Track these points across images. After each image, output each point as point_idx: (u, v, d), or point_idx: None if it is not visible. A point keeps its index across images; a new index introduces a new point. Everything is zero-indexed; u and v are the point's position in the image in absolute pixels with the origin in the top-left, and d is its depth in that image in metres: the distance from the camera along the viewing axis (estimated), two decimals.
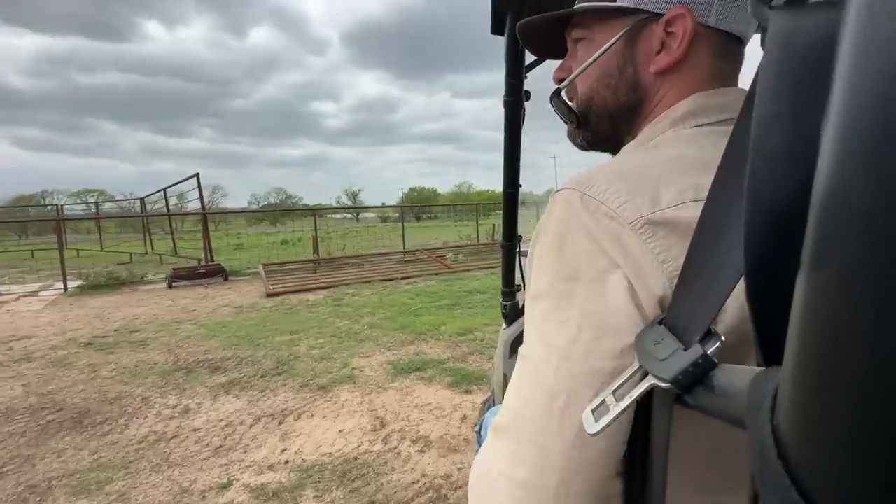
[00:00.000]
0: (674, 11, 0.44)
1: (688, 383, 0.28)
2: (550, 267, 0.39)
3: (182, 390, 3.31)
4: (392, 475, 2.22)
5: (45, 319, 5.75)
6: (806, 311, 0.14)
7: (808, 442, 0.14)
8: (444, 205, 46.14)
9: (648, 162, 0.41)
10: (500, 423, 0.40)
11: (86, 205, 30.56)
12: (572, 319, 0.36)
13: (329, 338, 4.49)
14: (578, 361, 0.35)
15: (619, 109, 0.50)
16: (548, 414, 0.36)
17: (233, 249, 15.08)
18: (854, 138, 0.12)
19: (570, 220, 0.38)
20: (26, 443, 2.63)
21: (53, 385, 3.48)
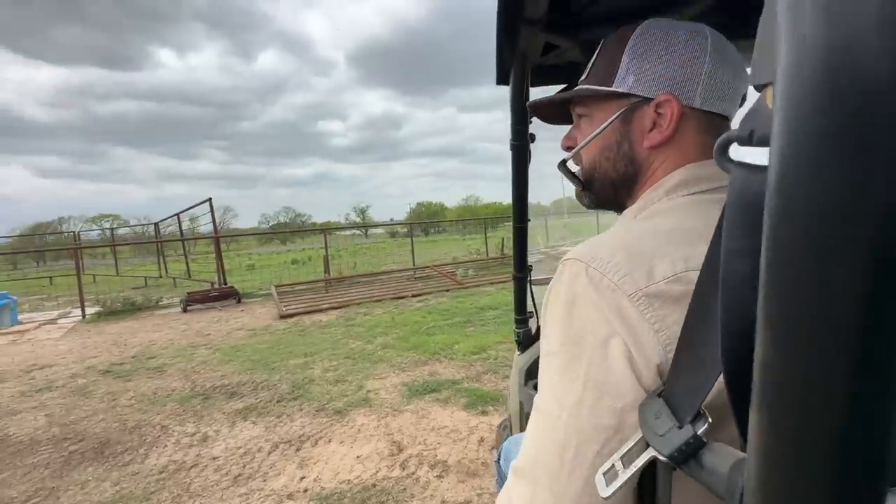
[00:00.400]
0: (662, 97, 0.50)
1: (682, 459, 0.32)
2: (560, 330, 0.43)
3: (200, 417, 3.34)
4: (412, 502, 2.21)
5: (64, 347, 5.86)
6: (756, 448, 0.19)
7: None
8: (452, 220, 46.38)
9: (645, 234, 0.46)
10: (519, 467, 0.45)
11: (101, 230, 31.27)
12: (579, 380, 0.41)
13: (343, 359, 4.51)
14: (584, 418, 0.40)
15: (619, 178, 0.56)
16: (560, 463, 0.40)
17: (245, 270, 15.28)
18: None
19: (577, 289, 0.43)
20: (50, 475, 2.67)
21: (75, 415, 3.54)
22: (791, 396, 0.18)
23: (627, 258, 0.42)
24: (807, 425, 0.17)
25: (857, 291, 0.15)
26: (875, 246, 0.15)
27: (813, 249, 0.16)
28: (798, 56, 0.15)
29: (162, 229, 14.43)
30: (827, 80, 0.14)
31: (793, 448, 0.18)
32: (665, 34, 0.51)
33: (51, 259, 22.16)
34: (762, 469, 0.19)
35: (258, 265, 16.92)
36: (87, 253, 17.99)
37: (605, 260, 0.42)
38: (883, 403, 0.16)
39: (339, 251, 20.65)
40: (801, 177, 0.16)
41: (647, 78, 0.51)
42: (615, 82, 0.53)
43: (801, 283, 0.16)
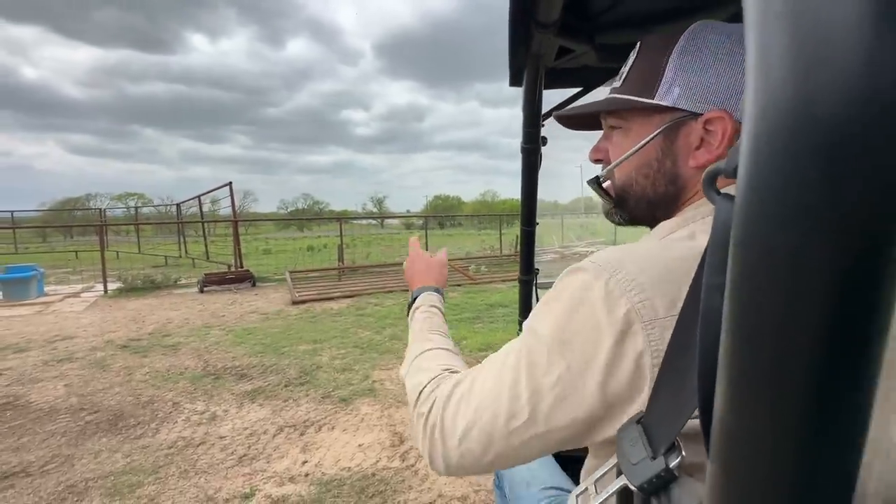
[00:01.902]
0: (712, 113, 0.45)
1: (652, 491, 0.32)
2: (556, 323, 0.43)
3: (210, 397, 3.44)
4: (409, 494, 2.24)
5: (86, 320, 6.07)
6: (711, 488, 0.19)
7: None
8: (468, 214, 46.23)
9: (679, 255, 0.42)
10: (462, 392, 0.48)
11: (126, 208, 32.14)
12: (552, 374, 0.41)
13: (351, 348, 4.56)
14: (540, 410, 0.41)
15: (658, 197, 0.52)
16: (498, 422, 0.43)
17: (261, 254, 15.54)
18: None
19: (590, 296, 0.41)
20: (67, 442, 2.78)
21: (92, 386, 3.67)
22: (744, 451, 0.18)
23: (654, 281, 0.39)
24: (757, 480, 0.17)
25: (815, 335, 0.15)
26: (827, 307, 0.15)
27: (765, 318, 0.16)
28: (762, 98, 0.15)
29: (184, 210, 14.77)
30: (787, 125, 0.14)
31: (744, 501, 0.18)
32: (715, 41, 0.46)
33: (77, 234, 22.90)
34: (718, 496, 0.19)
35: (274, 250, 17.18)
36: (112, 230, 18.51)
37: (629, 276, 0.39)
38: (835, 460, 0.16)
39: (354, 240, 20.83)
40: (759, 218, 0.16)
41: (695, 91, 0.46)
42: (658, 94, 0.48)
43: (758, 325, 0.16)
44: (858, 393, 0.15)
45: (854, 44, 0.13)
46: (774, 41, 0.14)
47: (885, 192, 0.14)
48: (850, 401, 0.15)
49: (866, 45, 0.13)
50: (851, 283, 0.14)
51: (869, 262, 0.14)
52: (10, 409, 3.25)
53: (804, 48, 0.14)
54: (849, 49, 0.13)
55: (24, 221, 22.24)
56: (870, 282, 0.14)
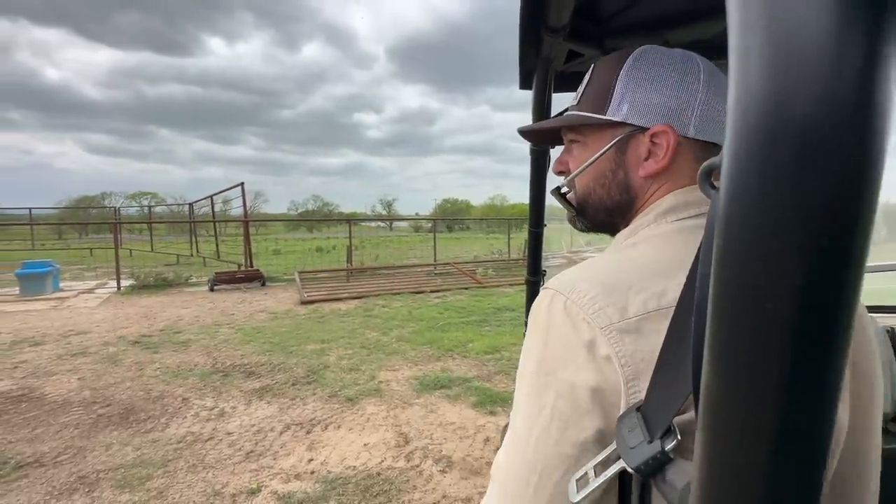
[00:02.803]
0: (657, 127, 0.50)
1: (648, 472, 0.34)
2: (535, 356, 0.46)
3: (219, 393, 3.48)
4: (413, 493, 2.25)
5: (99, 316, 6.18)
6: (698, 467, 0.21)
7: None
8: (477, 218, 46.22)
9: (625, 266, 0.47)
10: (495, 472, 0.48)
11: (140, 207, 32.69)
12: (546, 409, 0.43)
13: (358, 349, 4.59)
14: (549, 445, 0.42)
15: (614, 205, 0.57)
16: (525, 482, 0.43)
17: (271, 254, 15.68)
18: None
19: (554, 320, 0.45)
20: (79, 434, 2.84)
21: (104, 380, 3.74)
22: (727, 418, 0.19)
23: (604, 292, 0.43)
24: (741, 445, 0.19)
25: (786, 317, 0.17)
26: (803, 280, 0.16)
27: (747, 280, 0.17)
28: (744, 99, 0.16)
29: (196, 210, 14.97)
30: (765, 124, 0.16)
31: (729, 468, 0.19)
32: (659, 62, 0.51)
33: (92, 231, 23.37)
34: (703, 485, 0.21)
35: (284, 250, 17.34)
36: (126, 228, 18.85)
37: (582, 293, 0.43)
38: (812, 426, 0.18)
39: (362, 242, 20.95)
40: (738, 212, 0.17)
41: (641, 107, 0.51)
42: (609, 110, 0.53)
43: (736, 308, 0.18)
44: (829, 361, 0.17)
45: (822, 50, 0.14)
46: (753, 46, 0.16)
47: (850, 190, 0.15)
48: (820, 368, 0.17)
49: (833, 52, 0.14)
50: (818, 270, 0.16)
51: (833, 252, 0.16)
52: (25, 401, 3.33)
53: (778, 53, 0.15)
54: (817, 54, 0.14)
55: (41, 218, 22.71)
56: (833, 270, 0.16)
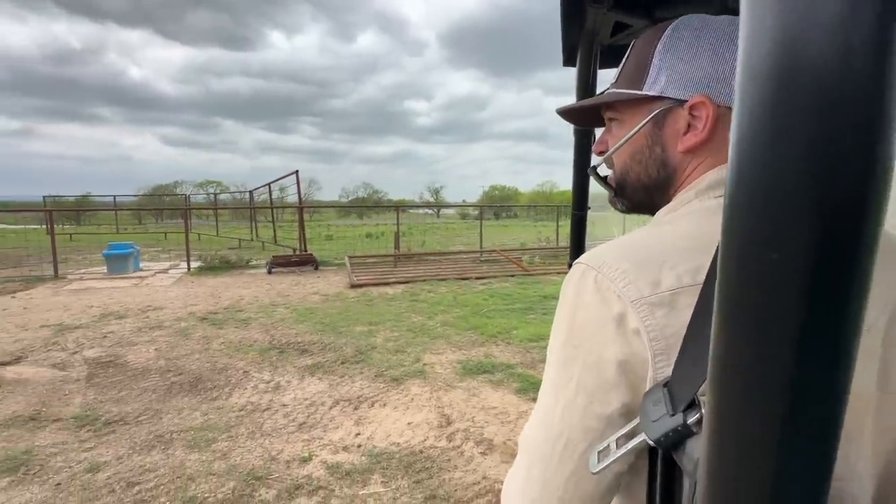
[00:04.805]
0: (695, 99, 0.48)
1: (669, 445, 0.33)
2: (564, 331, 0.46)
3: (275, 368, 3.72)
4: (454, 473, 2.30)
5: (172, 294, 6.76)
6: (707, 428, 0.21)
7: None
8: (524, 205, 45.40)
9: (659, 241, 0.46)
10: (522, 442, 0.49)
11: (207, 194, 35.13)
12: (573, 381, 0.43)
13: (404, 332, 4.72)
14: (575, 417, 0.43)
15: (652, 183, 0.55)
16: (551, 451, 0.44)
17: (323, 239, 16.34)
18: None
19: (584, 295, 0.45)
20: (156, 398, 3.15)
21: (177, 352, 4.11)
22: (735, 382, 0.19)
23: (636, 266, 0.42)
24: (747, 409, 0.18)
25: (797, 286, 0.16)
26: (817, 248, 0.15)
27: (756, 245, 0.17)
28: (752, 51, 0.16)
29: (255, 196, 15.86)
30: (776, 76, 0.15)
31: (735, 429, 0.19)
32: (699, 30, 0.49)
33: (167, 217, 25.46)
34: (711, 445, 0.21)
35: (335, 236, 18.01)
36: (195, 214, 20.36)
37: (613, 267, 0.43)
38: (819, 394, 0.17)
39: (410, 228, 21.29)
40: (750, 167, 0.17)
41: (679, 79, 0.49)
42: (645, 85, 0.51)
43: (745, 277, 0.17)
44: (842, 313, 0.16)
45: (830, 24, 0.14)
46: (764, 16, 0.15)
47: (867, 135, 0.14)
48: (834, 320, 0.16)
49: (841, 26, 0.14)
50: (832, 219, 0.15)
51: (839, 235, 0.15)
52: (112, 367, 3.74)
53: (788, 26, 0.15)
54: (826, 28, 0.14)
55: (124, 205, 25.03)
56: (839, 251, 0.15)
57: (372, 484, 2.21)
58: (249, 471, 2.30)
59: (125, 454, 2.45)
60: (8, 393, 3.21)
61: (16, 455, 2.43)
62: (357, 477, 2.26)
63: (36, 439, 2.60)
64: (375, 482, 2.23)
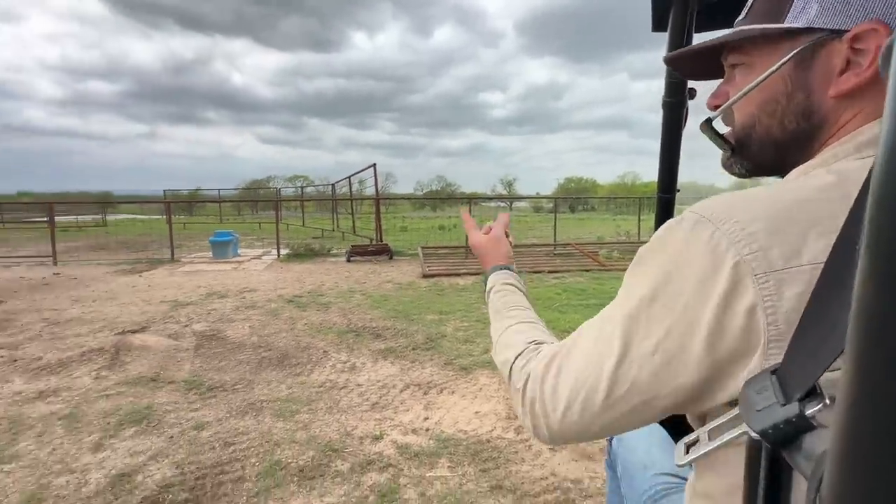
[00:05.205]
0: (863, 26, 0.37)
1: (778, 439, 0.28)
2: (653, 284, 0.40)
3: (351, 350, 3.93)
4: (521, 466, 2.27)
5: (264, 278, 7.43)
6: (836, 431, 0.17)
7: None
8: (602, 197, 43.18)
9: (807, 196, 0.36)
10: (558, 364, 0.47)
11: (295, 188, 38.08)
12: (653, 338, 0.38)
13: (474, 322, 4.73)
14: (641, 379, 0.39)
15: (787, 137, 0.44)
16: (598, 394, 0.41)
17: (398, 230, 16.93)
18: None
19: (693, 249, 0.37)
20: (249, 370, 3.49)
21: (267, 330, 4.51)
22: (875, 393, 0.15)
23: (771, 228, 0.34)
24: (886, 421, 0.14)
25: None
26: None
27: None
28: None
29: (337, 189, 16.83)
30: None
31: (872, 440, 0.15)
32: None
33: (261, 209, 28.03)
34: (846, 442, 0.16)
35: (409, 227, 18.56)
36: (284, 206, 22.19)
37: (739, 225, 0.35)
38: None
39: (482, 221, 21.19)
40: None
41: (838, 3, 0.38)
42: (788, 17, 0.41)
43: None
44: None
45: None
46: None
47: None
48: None
49: None
50: None
51: None
52: (214, 340, 4.20)
53: None
54: None
55: (226, 197, 27.94)
56: None
57: (439, 467, 2.25)
58: (327, 443, 2.46)
59: (223, 417, 2.75)
60: (135, 356, 3.75)
61: (140, 409, 2.83)
62: (425, 459, 2.32)
63: (155, 397, 3.01)
64: (442, 466, 2.27)
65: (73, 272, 7.95)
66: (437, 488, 2.10)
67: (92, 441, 2.48)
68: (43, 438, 2.51)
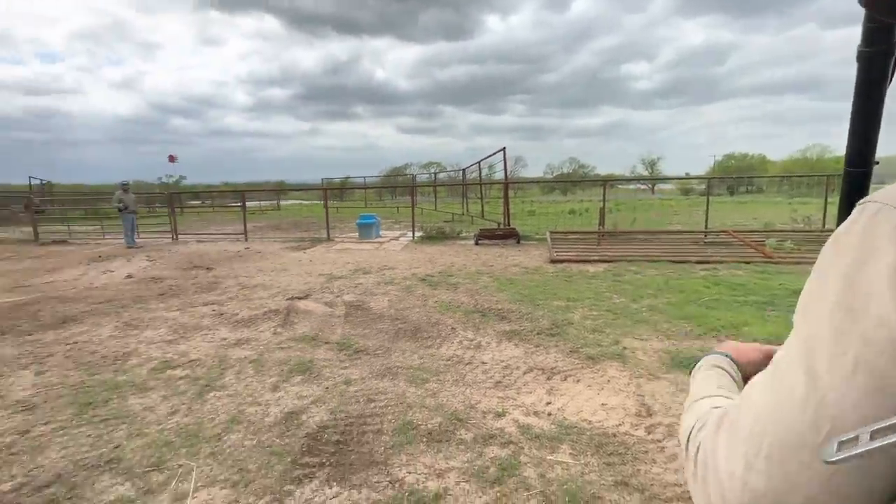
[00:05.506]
0: None
1: None
2: (837, 288, 0.33)
3: (477, 329, 4.09)
4: (651, 467, 2.12)
5: (401, 257, 8.12)
6: None
7: None
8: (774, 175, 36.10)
9: None
10: (732, 418, 0.38)
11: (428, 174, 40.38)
12: (849, 355, 0.31)
13: (603, 311, 4.48)
14: (847, 403, 0.31)
15: None
16: (784, 445, 0.33)
17: (526, 215, 16.75)
18: None
19: (876, 239, 0.31)
20: (387, 339, 3.90)
21: (402, 304, 4.96)
22: None
23: None
24: None
25: None
26: None
27: None
28: None
29: (467, 174, 17.33)
30: None
31: None
32: None
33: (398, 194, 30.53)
34: None
35: (538, 212, 18.18)
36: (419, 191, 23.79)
37: None
38: None
39: (617, 205, 19.70)
40: None
41: None
42: None
43: None
44: None
45: None
46: None
47: None
48: None
49: None
50: None
51: None
52: (360, 310, 4.78)
53: None
54: None
55: (370, 184, 31.07)
56: None
57: (560, 453, 2.24)
58: (452, 412, 2.63)
59: (367, 376, 3.14)
60: (301, 318, 4.50)
61: (304, 362, 3.40)
62: (546, 442, 2.32)
63: (315, 354, 3.58)
64: (564, 452, 2.24)
65: (258, 247, 9.79)
66: (558, 472, 2.09)
67: (271, 382, 3.08)
68: (239, 376, 3.20)
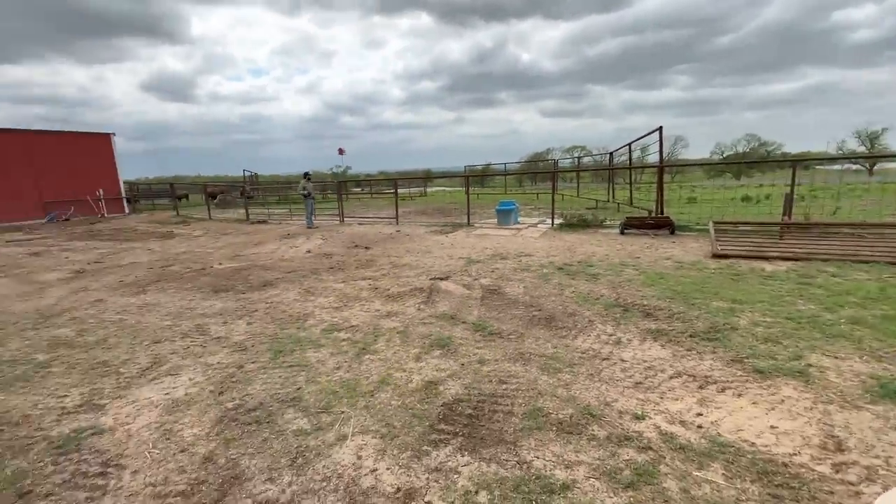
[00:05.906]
0: None
1: None
2: None
3: (618, 324, 3.83)
4: None
5: (538, 244, 8.00)
6: None
7: None
8: None
9: None
10: None
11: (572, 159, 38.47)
12: None
13: (782, 319, 3.75)
14: None
15: None
16: None
17: (684, 202, 14.75)
18: None
19: None
20: (522, 325, 3.93)
21: (538, 292, 4.91)
22: None
23: None
24: None
25: None
26: None
27: None
28: None
29: (615, 158, 16.01)
30: None
31: None
32: None
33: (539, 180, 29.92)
34: None
35: (700, 199, 15.84)
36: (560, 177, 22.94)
37: None
38: None
39: (813, 190, 15.93)
40: None
41: None
42: None
43: None
44: None
45: None
46: None
47: None
48: None
49: None
50: None
51: None
52: (496, 294, 4.90)
53: None
54: None
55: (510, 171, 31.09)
56: None
57: (710, 471, 1.99)
58: (585, 406, 2.55)
59: (500, 358, 3.23)
60: (442, 298, 4.82)
61: (442, 338, 3.66)
62: (692, 456, 2.09)
63: (453, 332, 3.82)
64: (715, 471, 1.99)
65: (407, 230, 10.73)
66: (706, 491, 1.87)
67: (414, 353, 3.40)
68: (389, 344, 3.61)
